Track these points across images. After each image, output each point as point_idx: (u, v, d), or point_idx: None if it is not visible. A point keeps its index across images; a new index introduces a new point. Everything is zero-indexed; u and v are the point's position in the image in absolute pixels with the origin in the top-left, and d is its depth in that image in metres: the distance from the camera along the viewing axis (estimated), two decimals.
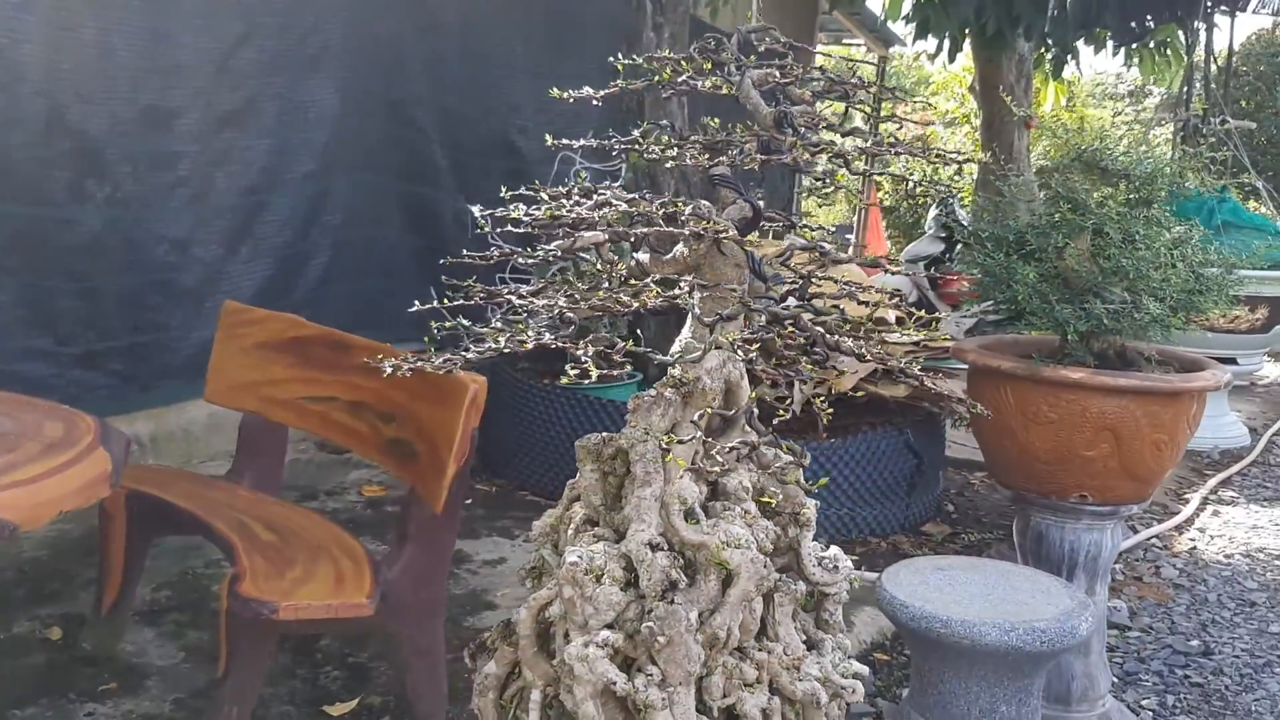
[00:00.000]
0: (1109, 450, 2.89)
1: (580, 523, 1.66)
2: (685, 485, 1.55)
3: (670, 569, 1.49)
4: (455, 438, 2.63)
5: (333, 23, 5.02)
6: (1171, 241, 2.98)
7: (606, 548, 1.53)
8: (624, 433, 1.61)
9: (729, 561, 1.48)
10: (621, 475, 1.63)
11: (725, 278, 1.63)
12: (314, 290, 5.22)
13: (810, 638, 1.64)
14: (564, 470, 4.73)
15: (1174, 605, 4.12)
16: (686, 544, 1.52)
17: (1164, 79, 10.37)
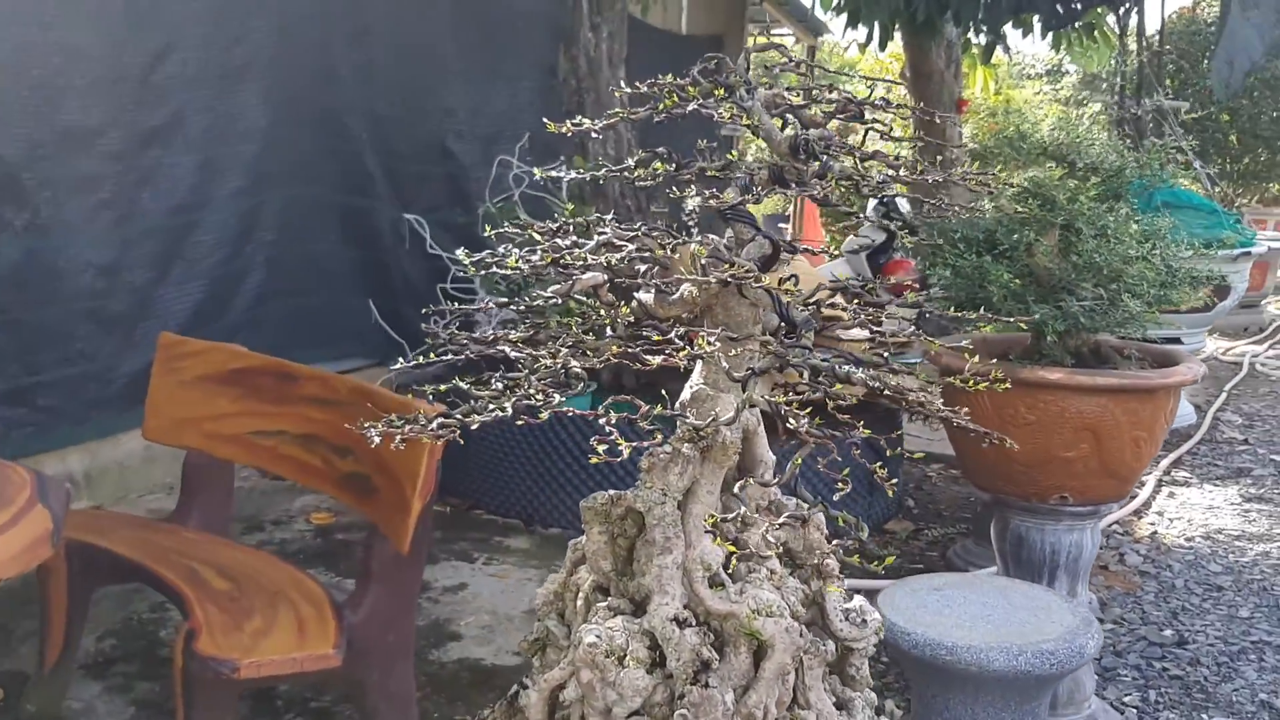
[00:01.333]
0: (1089, 450, 2.84)
1: (590, 591, 1.54)
2: (709, 549, 1.44)
3: (701, 647, 1.38)
4: (420, 473, 2.49)
5: (259, 31, 4.82)
6: (1141, 235, 2.93)
7: (626, 623, 1.41)
8: (639, 494, 1.49)
9: (761, 632, 1.37)
10: (633, 537, 1.51)
11: (741, 319, 1.52)
12: (250, 311, 5.03)
13: (839, 698, 1.54)
14: (519, 487, 4.63)
15: (1143, 594, 4.10)
16: (713, 614, 1.41)
17: (1089, 61, 10.46)
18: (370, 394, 2.86)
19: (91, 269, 4.28)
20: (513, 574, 4.04)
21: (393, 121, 5.79)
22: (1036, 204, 2.94)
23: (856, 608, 1.56)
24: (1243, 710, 3.24)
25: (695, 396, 1.52)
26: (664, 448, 1.43)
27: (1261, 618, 3.88)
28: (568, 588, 1.59)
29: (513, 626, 3.61)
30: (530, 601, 3.79)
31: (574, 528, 4.57)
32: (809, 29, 11.22)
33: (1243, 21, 5.70)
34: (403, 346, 5.74)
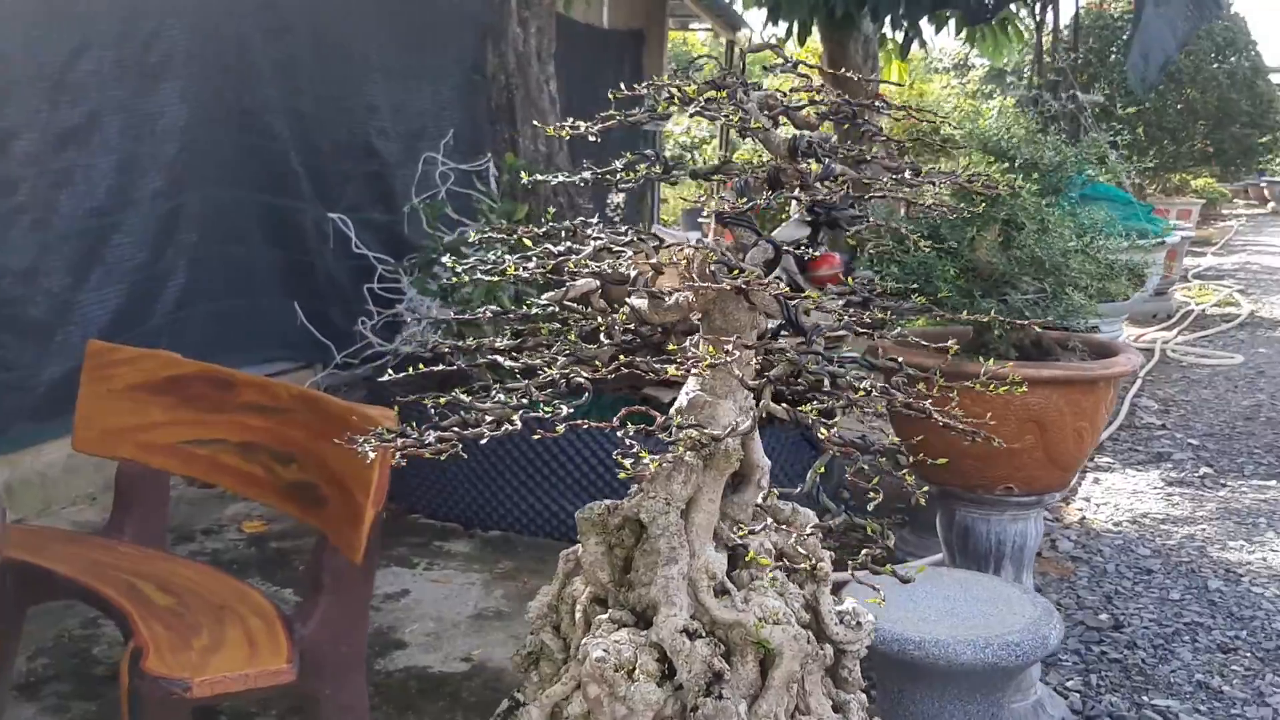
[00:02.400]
0: (1034, 441, 2.88)
1: (587, 603, 1.50)
2: (713, 558, 1.42)
3: (713, 658, 1.36)
4: (372, 481, 2.44)
5: (176, 28, 4.68)
6: (1079, 228, 2.98)
7: (632, 636, 1.39)
8: (641, 504, 1.46)
9: (769, 641, 1.36)
10: (630, 547, 1.48)
11: (739, 324, 1.50)
12: (172, 314, 4.89)
13: (835, 700, 1.53)
14: (457, 490, 4.57)
15: (1076, 579, 4.18)
16: (719, 624, 1.39)
17: (999, 56, 10.65)
18: (314, 400, 2.80)
19: (7, 275, 4.13)
20: (455, 579, 3.98)
21: (315, 119, 5.67)
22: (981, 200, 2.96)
23: (850, 610, 1.56)
24: (1181, 691, 3.32)
25: (693, 403, 1.50)
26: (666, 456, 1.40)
27: (1192, 599, 3.99)
28: (562, 599, 1.56)
29: (458, 632, 3.56)
30: (475, 606, 3.76)
31: (515, 530, 4.54)
32: (727, 24, 11.27)
33: (1156, 17, 5.84)
34: (329, 348, 5.64)
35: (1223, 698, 3.29)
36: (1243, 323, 10.35)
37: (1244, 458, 5.88)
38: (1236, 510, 5.01)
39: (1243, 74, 12.34)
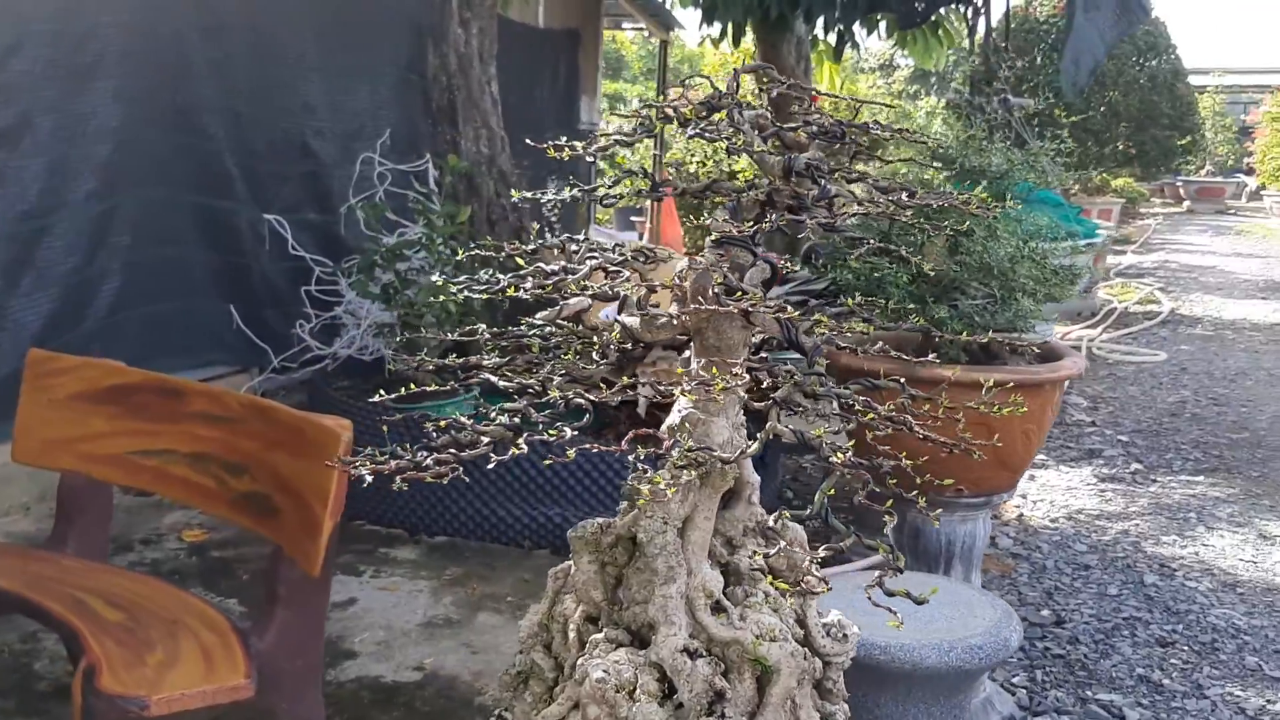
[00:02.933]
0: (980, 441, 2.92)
1: (580, 622, 1.50)
2: (710, 576, 1.42)
3: (714, 676, 1.36)
4: (330, 491, 2.41)
5: (110, 27, 4.57)
6: (1024, 234, 3.04)
7: (631, 656, 1.38)
8: (639, 523, 1.45)
9: (766, 658, 1.37)
10: (622, 565, 1.48)
11: (732, 342, 1.50)
12: (106, 319, 4.78)
13: (821, 712, 1.54)
14: (402, 497, 4.52)
15: (1017, 576, 4.26)
16: (716, 641, 1.39)
17: (929, 59, 10.80)
18: (266, 410, 2.75)
19: None
20: (403, 586, 3.95)
21: (250, 119, 5.57)
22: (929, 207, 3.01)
23: (835, 623, 1.58)
24: (1123, 685, 3.40)
25: (686, 420, 1.50)
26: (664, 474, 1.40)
27: (1129, 594, 4.09)
28: (553, 618, 1.55)
29: (409, 641, 3.52)
30: (425, 613, 3.73)
31: (461, 535, 4.51)
32: (661, 24, 11.28)
33: (1086, 23, 5.97)
34: (266, 352, 5.55)
35: (1163, 691, 3.38)
36: (1164, 320, 10.62)
37: (1172, 453, 6.04)
38: (1167, 505, 5.14)
39: (1163, 77, 12.67)
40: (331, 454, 2.43)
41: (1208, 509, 5.10)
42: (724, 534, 1.51)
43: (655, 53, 32.77)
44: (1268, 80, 29.24)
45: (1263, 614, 3.97)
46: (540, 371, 1.57)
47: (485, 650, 3.48)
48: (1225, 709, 3.28)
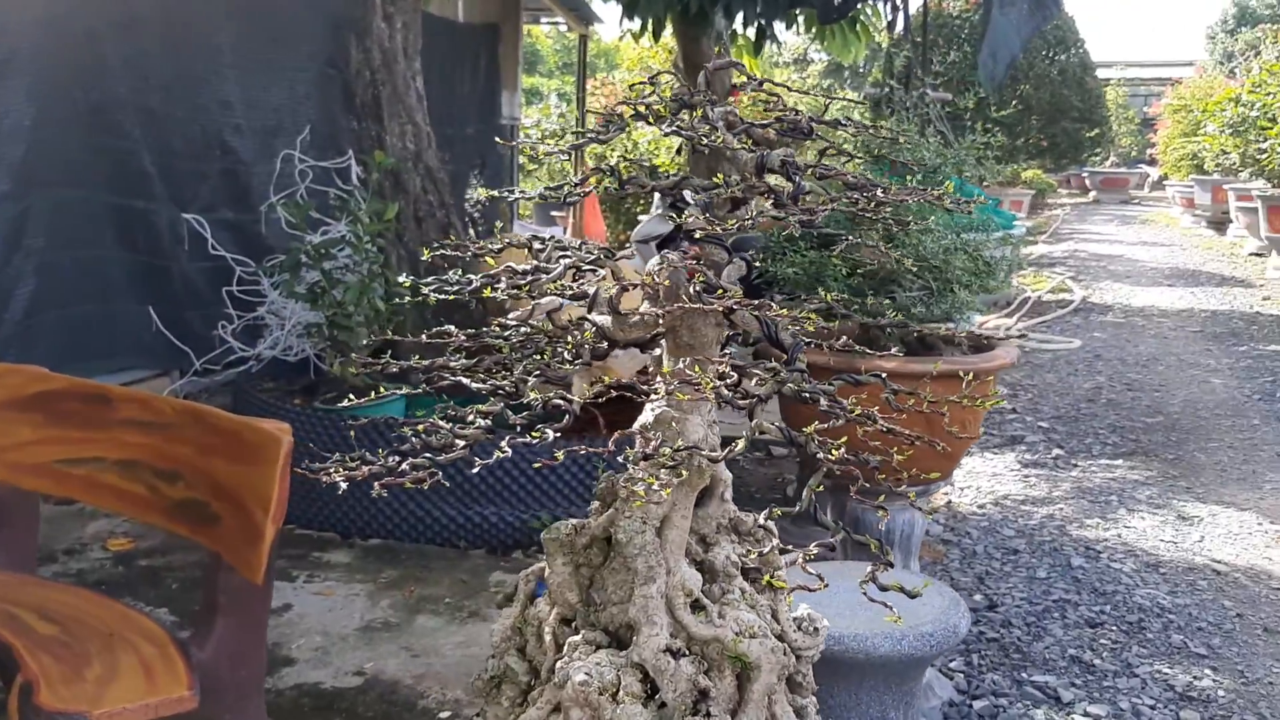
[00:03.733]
0: (923, 433, 2.96)
1: (556, 624, 1.48)
2: (689, 574, 1.41)
3: (697, 675, 1.35)
4: (272, 498, 2.36)
5: (21, 23, 4.43)
6: (958, 227, 3.09)
7: (612, 657, 1.37)
8: (618, 523, 1.44)
9: (747, 655, 1.37)
10: (597, 565, 1.47)
11: (706, 339, 1.50)
12: (21, 322, 4.63)
13: (794, 706, 1.55)
14: (332, 499, 4.44)
15: (949, 562, 4.33)
16: (695, 640, 1.39)
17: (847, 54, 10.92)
18: (200, 415, 2.69)
19: None
20: (338, 590, 3.89)
21: (167, 117, 5.44)
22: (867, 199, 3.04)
23: (806, 617, 1.58)
24: (1056, 666, 3.48)
25: (660, 419, 1.49)
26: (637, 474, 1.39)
27: (1057, 577, 4.18)
28: (527, 621, 1.54)
29: (347, 646, 3.48)
30: (362, 618, 3.68)
31: (395, 537, 4.46)
32: (581, 18, 11.26)
33: (1001, 17, 6.08)
34: (188, 354, 5.43)
35: (1095, 671, 3.47)
36: (1077, 308, 10.88)
37: (1091, 438, 6.19)
38: (1089, 489, 5.27)
39: (1073, 71, 12.98)
40: (272, 459, 2.39)
41: (1127, 492, 5.24)
42: (698, 531, 1.51)
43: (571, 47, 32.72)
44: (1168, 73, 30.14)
45: (1185, 593, 4.09)
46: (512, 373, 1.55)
47: (426, 653, 3.45)
48: (1155, 686, 3.38)
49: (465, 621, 3.68)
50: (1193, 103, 19.63)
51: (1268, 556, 4.48)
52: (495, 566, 4.17)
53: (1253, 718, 3.22)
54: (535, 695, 1.42)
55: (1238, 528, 4.81)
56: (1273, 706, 3.28)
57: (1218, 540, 4.65)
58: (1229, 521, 4.89)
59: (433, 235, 5.02)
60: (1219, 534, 4.72)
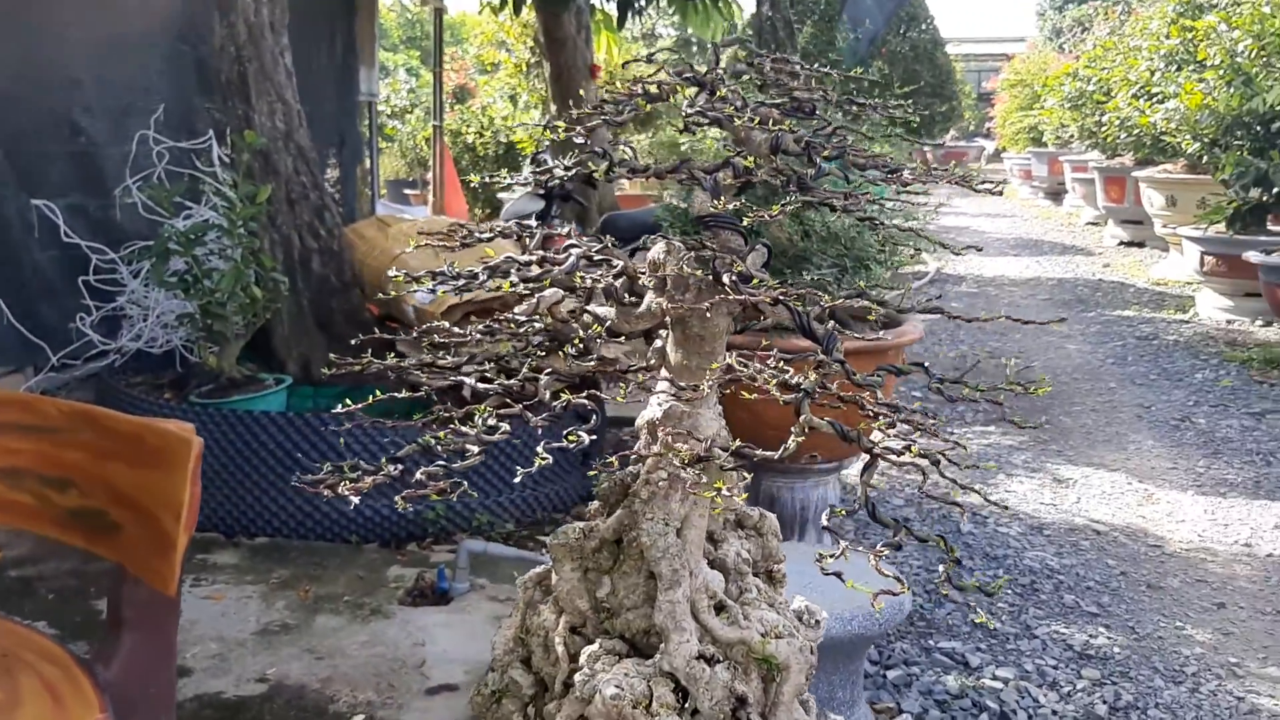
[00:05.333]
0: (833, 413, 2.98)
1: (566, 633, 1.40)
2: (711, 576, 1.35)
3: (733, 682, 1.30)
4: (183, 504, 2.21)
5: None
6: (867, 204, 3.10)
7: (638, 666, 1.30)
8: (640, 526, 1.37)
9: (775, 656, 1.32)
10: (608, 569, 1.39)
11: (717, 330, 1.43)
12: None
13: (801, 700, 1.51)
14: (214, 496, 4.24)
15: (845, 533, 4.38)
16: (721, 643, 1.33)
17: (707, 29, 10.96)
18: (94, 417, 2.50)
19: None
20: (229, 593, 3.72)
21: (9, 98, 5.08)
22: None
23: (805, 610, 1.55)
24: (960, 632, 3.56)
25: (669, 414, 1.42)
26: (660, 474, 1.33)
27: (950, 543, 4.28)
28: (531, 631, 1.45)
29: (246, 651, 3.32)
30: (258, 621, 3.52)
31: (284, 534, 4.28)
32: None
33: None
34: (43, 349, 5.11)
35: (997, 635, 3.56)
36: (932, 279, 11.19)
37: (963, 406, 6.36)
38: (967, 456, 5.40)
39: (924, 46, 13.31)
40: (181, 462, 2.24)
41: (1004, 457, 5.41)
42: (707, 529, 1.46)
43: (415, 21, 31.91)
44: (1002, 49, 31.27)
45: (1070, 554, 4.24)
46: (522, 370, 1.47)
47: (331, 654, 3.32)
48: (1054, 646, 3.48)
49: (368, 620, 3.55)
50: (1028, 77, 20.41)
51: (1141, 515, 4.68)
52: (391, 561, 4.05)
53: (1148, 671, 3.35)
54: (552, 710, 1.35)
55: (1110, 488, 5.01)
56: (1165, 660, 3.42)
57: (1093, 501, 4.83)
58: (1101, 482, 5.09)
59: (307, 218, 4.82)
60: (1093, 495, 4.91)
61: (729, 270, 1.38)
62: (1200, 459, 5.41)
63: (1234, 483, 5.07)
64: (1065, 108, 13.42)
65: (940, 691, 3.18)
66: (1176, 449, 5.60)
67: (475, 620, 3.58)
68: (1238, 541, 4.40)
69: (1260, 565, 4.17)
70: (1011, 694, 3.18)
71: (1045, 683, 3.27)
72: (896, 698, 3.12)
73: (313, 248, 4.82)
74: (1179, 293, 10.49)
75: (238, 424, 4.15)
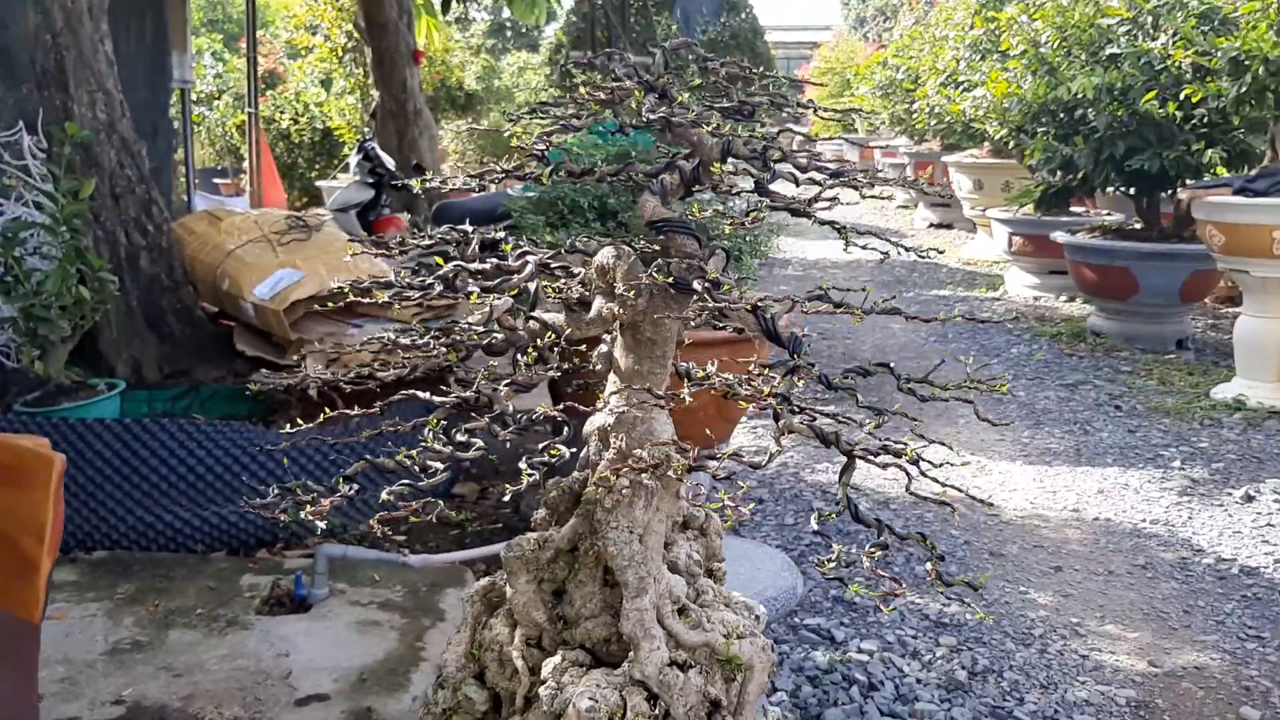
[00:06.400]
0: (709, 399, 3.02)
1: (523, 646, 1.36)
2: (674, 581, 1.33)
3: (706, 686, 1.28)
4: (45, 526, 2.08)
5: None
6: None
7: (608, 677, 1.27)
8: (607, 537, 1.33)
9: (739, 656, 1.31)
10: (562, 578, 1.36)
11: (669, 334, 1.41)
12: None
13: None
14: None
15: None
16: (686, 646, 1.31)
17: (531, 15, 10.91)
18: None
19: None
20: (71, 612, 3.51)
21: None
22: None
23: (742, 603, 1.55)
24: (824, 608, 3.66)
25: (622, 420, 1.40)
26: (621, 483, 1.30)
27: (804, 522, 4.41)
28: (484, 646, 1.41)
29: (97, 673, 3.14)
30: (107, 640, 3.34)
31: (123, 547, 4.06)
32: None
33: None
34: None
35: (857, 608, 3.67)
36: (761, 263, 11.45)
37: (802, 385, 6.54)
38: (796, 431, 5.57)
39: (745, 35, 13.57)
40: (42, 481, 2.10)
41: (844, 435, 5.58)
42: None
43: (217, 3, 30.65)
44: (809, 37, 32.18)
45: (916, 526, 4.41)
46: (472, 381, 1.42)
47: (189, 671, 3.17)
48: (912, 617, 3.62)
49: (225, 632, 3.41)
50: (837, 65, 21.06)
51: (977, 486, 4.91)
52: (243, 569, 3.89)
53: (1000, 635, 3.52)
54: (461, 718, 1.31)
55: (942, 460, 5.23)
56: (1014, 624, 3.60)
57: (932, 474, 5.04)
58: (936, 455, 5.29)
59: (133, 213, 4.58)
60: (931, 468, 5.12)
61: (701, 277, 1.37)
62: (1025, 430, 5.71)
63: (1057, 451, 5.37)
64: (875, 95, 13.89)
65: (811, 667, 3.26)
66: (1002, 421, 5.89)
67: (339, 627, 3.49)
68: (1066, 507, 4.66)
69: (1089, 529, 4.44)
70: (877, 665, 3.29)
71: (907, 652, 3.40)
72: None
73: (140, 244, 4.58)
74: (988, 272, 11.03)
75: (70, 433, 3.92)
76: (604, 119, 1.62)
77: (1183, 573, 4.03)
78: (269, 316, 4.45)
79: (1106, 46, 7.48)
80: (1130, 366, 7.11)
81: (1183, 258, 7.47)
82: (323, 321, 4.62)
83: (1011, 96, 8.08)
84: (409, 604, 3.60)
